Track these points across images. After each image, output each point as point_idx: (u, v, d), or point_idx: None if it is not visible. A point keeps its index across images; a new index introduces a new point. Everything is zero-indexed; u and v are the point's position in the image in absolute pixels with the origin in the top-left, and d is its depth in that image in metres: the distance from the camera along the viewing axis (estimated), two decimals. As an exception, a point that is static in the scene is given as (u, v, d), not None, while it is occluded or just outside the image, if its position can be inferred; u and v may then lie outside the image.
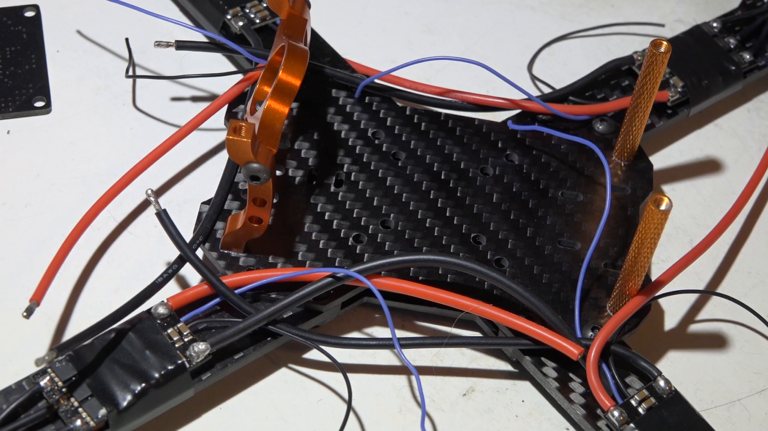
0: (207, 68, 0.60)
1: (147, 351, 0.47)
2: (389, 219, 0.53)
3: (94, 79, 0.60)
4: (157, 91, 0.60)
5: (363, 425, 0.50)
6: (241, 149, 0.46)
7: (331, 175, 0.54)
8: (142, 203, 0.55)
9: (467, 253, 0.52)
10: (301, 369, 0.51)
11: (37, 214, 0.55)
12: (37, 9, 0.62)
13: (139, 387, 0.46)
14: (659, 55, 0.52)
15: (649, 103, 0.54)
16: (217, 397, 0.50)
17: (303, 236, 0.52)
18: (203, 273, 0.49)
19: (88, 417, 0.45)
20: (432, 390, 0.51)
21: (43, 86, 0.59)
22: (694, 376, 0.53)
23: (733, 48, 0.62)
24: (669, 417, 0.48)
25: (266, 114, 0.47)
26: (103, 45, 0.61)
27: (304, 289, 0.49)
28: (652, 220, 0.47)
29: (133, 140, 0.58)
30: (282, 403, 0.50)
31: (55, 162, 0.56)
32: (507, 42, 0.65)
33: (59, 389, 0.45)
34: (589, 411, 0.49)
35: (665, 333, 0.54)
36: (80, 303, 0.52)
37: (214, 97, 0.60)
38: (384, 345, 0.50)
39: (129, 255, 0.54)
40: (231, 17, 0.59)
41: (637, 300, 0.50)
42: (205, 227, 0.51)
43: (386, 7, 0.66)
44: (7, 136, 0.57)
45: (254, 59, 0.56)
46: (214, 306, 0.49)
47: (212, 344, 0.47)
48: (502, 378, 0.52)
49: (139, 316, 0.48)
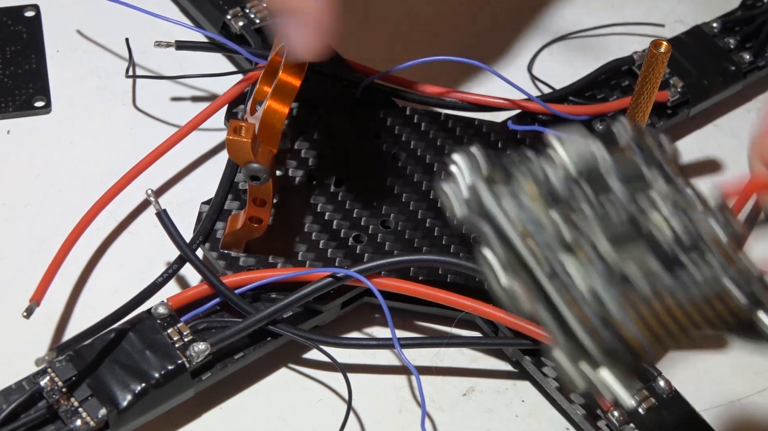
0: (207, 68, 0.60)
1: (147, 351, 0.47)
2: (389, 219, 0.53)
3: (94, 79, 0.60)
4: (157, 91, 0.60)
5: (363, 425, 0.50)
6: (241, 149, 0.46)
7: (331, 175, 0.54)
8: (142, 203, 0.55)
9: (467, 253, 0.52)
10: (301, 369, 0.51)
11: (37, 214, 0.55)
12: (37, 9, 0.62)
13: (139, 387, 0.46)
14: (659, 55, 0.52)
15: (649, 103, 0.54)
16: (217, 397, 0.50)
17: (303, 236, 0.52)
18: (203, 273, 0.49)
19: (88, 417, 0.45)
20: (432, 390, 0.51)
21: (43, 86, 0.59)
22: (694, 376, 0.52)
23: (733, 48, 0.62)
24: (669, 417, 0.48)
25: (266, 114, 0.47)
26: (103, 45, 0.61)
27: (304, 289, 0.49)
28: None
29: (133, 140, 0.58)
30: (282, 403, 0.50)
31: (55, 162, 0.56)
32: (507, 42, 0.65)
33: (59, 389, 0.45)
34: (589, 411, 0.49)
35: (665, 333, 0.54)
36: (80, 303, 0.52)
37: (214, 97, 0.60)
38: (384, 345, 0.50)
39: (129, 255, 0.54)
40: (231, 17, 0.59)
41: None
42: (205, 227, 0.51)
43: (387, 7, 0.66)
44: (7, 136, 0.57)
45: (254, 59, 0.56)
46: (214, 306, 0.49)
47: (212, 344, 0.47)
48: (502, 378, 0.52)
49: (139, 316, 0.48)
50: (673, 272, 0.37)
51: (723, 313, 0.37)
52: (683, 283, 0.37)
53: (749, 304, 0.38)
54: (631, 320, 0.35)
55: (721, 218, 0.39)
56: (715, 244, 0.38)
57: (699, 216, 0.39)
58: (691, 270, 0.37)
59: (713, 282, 0.38)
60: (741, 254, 0.39)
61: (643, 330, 0.35)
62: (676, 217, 0.38)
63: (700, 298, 0.37)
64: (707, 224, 0.39)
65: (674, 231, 0.38)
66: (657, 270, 0.37)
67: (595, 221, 0.37)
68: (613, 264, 0.36)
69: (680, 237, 0.38)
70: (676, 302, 0.37)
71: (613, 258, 0.37)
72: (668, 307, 0.36)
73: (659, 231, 0.38)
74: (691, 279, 0.37)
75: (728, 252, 0.39)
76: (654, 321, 0.36)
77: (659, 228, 0.38)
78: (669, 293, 0.37)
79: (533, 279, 0.36)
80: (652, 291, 0.36)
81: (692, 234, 0.38)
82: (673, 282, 0.37)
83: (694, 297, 0.37)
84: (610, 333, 0.35)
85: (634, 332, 0.35)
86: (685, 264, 0.38)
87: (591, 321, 0.35)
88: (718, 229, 0.39)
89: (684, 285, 0.37)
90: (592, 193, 0.38)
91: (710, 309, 0.37)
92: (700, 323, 0.37)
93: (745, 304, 0.38)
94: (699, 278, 0.37)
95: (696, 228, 0.39)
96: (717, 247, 0.38)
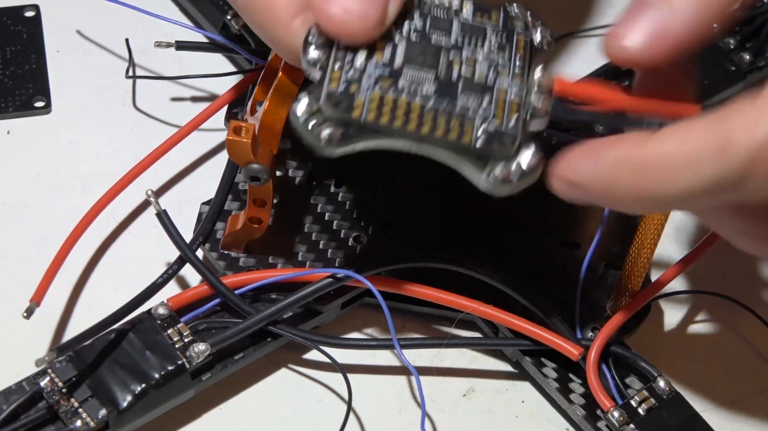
0: (207, 68, 0.60)
1: (147, 351, 0.47)
2: (389, 219, 0.53)
3: (94, 79, 0.60)
4: (157, 91, 0.60)
5: (363, 425, 0.50)
6: (241, 150, 0.46)
7: (331, 175, 0.54)
8: (142, 203, 0.55)
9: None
10: (301, 370, 0.51)
11: (37, 214, 0.55)
12: (37, 9, 0.62)
13: (139, 387, 0.46)
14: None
15: (649, 104, 0.54)
16: (217, 397, 0.50)
17: (303, 236, 0.52)
18: (203, 273, 0.49)
19: (88, 417, 0.45)
20: (432, 390, 0.51)
21: (43, 86, 0.59)
22: (694, 376, 0.53)
23: (733, 48, 0.62)
24: (669, 417, 0.48)
25: (266, 114, 0.47)
26: (103, 45, 0.61)
27: (304, 290, 0.49)
28: (653, 220, 0.47)
29: (133, 140, 0.58)
30: (282, 403, 0.50)
31: (55, 162, 0.56)
32: (507, 42, 0.65)
33: (59, 389, 0.45)
34: (589, 412, 0.49)
35: (665, 333, 0.54)
36: (80, 303, 0.52)
37: (214, 97, 0.60)
38: (384, 345, 0.50)
39: (129, 255, 0.54)
40: (231, 17, 0.59)
41: (637, 300, 0.50)
42: (205, 227, 0.51)
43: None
44: (7, 136, 0.57)
45: (254, 59, 0.56)
46: (214, 307, 0.49)
47: (212, 344, 0.47)
48: (502, 379, 0.52)
49: (139, 317, 0.48)
50: (442, 93, 0.41)
51: (456, 131, 0.41)
52: (441, 100, 0.41)
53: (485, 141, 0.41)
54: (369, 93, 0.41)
55: (526, 86, 0.42)
56: (499, 97, 0.42)
57: (503, 76, 0.42)
58: (458, 99, 0.41)
59: (468, 111, 0.41)
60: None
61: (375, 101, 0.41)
62: (481, 65, 0.42)
63: (446, 115, 0.41)
64: (505, 82, 0.42)
65: (470, 71, 0.42)
66: (425, 81, 0.41)
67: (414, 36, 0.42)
68: (395, 65, 0.41)
69: (470, 77, 0.42)
70: (422, 105, 0.41)
71: (401, 59, 0.41)
72: (413, 104, 0.41)
73: (456, 65, 0.42)
74: (451, 103, 0.41)
75: (503, 108, 0.42)
76: (390, 105, 0.41)
77: (457, 63, 0.42)
78: (421, 98, 0.41)
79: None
80: (409, 89, 0.41)
81: (483, 81, 0.42)
82: (435, 96, 0.41)
83: (441, 110, 0.41)
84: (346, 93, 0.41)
85: (362, 97, 0.41)
86: (457, 94, 0.41)
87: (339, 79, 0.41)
88: (514, 91, 0.42)
89: (441, 102, 0.41)
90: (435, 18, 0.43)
91: (450, 126, 0.41)
92: (430, 129, 0.41)
93: (481, 138, 0.41)
94: (459, 104, 0.41)
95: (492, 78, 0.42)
96: (498, 99, 0.42)
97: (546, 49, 0.44)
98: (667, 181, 0.37)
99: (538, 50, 0.44)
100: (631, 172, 0.38)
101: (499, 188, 0.42)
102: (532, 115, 0.42)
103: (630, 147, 0.38)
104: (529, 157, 0.41)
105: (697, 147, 0.37)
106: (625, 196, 0.38)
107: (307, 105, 0.41)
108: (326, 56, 0.41)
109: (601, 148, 0.39)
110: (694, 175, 0.37)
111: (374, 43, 0.41)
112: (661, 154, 0.37)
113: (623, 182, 0.38)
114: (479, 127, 0.41)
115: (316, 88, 0.41)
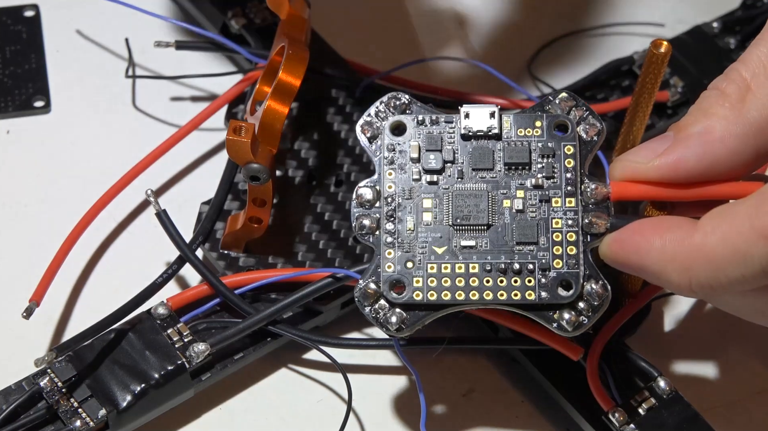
0: (207, 68, 0.60)
1: (147, 351, 0.47)
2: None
3: (94, 79, 0.60)
4: (157, 91, 0.60)
5: (363, 425, 0.50)
6: (241, 149, 0.46)
7: (331, 175, 0.54)
8: (142, 203, 0.55)
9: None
10: (301, 370, 0.51)
11: (37, 214, 0.55)
12: (37, 9, 0.62)
13: (138, 387, 0.46)
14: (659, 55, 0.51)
15: (650, 103, 0.54)
16: (217, 397, 0.50)
17: (303, 236, 0.52)
18: (203, 273, 0.49)
19: (87, 417, 0.45)
20: (432, 390, 0.51)
21: (42, 86, 0.59)
22: (694, 376, 0.53)
23: (733, 48, 0.62)
24: (669, 417, 0.48)
25: (266, 114, 0.47)
26: (103, 45, 0.61)
27: (304, 290, 0.49)
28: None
29: (133, 140, 0.58)
30: (282, 403, 0.50)
31: (55, 162, 0.56)
32: (507, 42, 0.65)
33: (59, 389, 0.45)
34: (590, 412, 0.49)
35: (665, 333, 0.54)
36: (80, 303, 0.52)
37: (214, 97, 0.60)
38: (384, 345, 0.50)
39: (129, 255, 0.54)
40: (231, 17, 0.59)
41: (637, 300, 0.50)
42: (204, 227, 0.51)
43: (386, 7, 0.66)
44: (7, 136, 0.57)
45: (254, 59, 0.56)
46: (213, 307, 0.49)
47: (212, 344, 0.47)
48: (502, 379, 0.52)
49: (138, 317, 0.48)
50: (496, 244, 0.43)
51: (519, 293, 0.43)
52: (497, 256, 0.43)
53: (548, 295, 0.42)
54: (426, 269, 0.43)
55: (582, 202, 0.43)
56: (554, 237, 0.43)
57: (556, 203, 0.43)
58: (515, 252, 0.43)
59: (526, 266, 0.43)
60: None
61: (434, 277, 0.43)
62: (530, 196, 0.43)
63: (504, 274, 0.43)
64: (559, 212, 0.43)
65: (520, 204, 0.43)
66: (480, 235, 0.43)
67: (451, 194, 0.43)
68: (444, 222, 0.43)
69: (522, 212, 0.43)
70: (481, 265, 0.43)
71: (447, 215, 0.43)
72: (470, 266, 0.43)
73: (506, 203, 0.43)
74: (508, 256, 0.43)
75: (561, 245, 0.43)
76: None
77: (507, 201, 0.43)
78: (478, 256, 0.43)
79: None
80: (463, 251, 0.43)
81: (536, 216, 0.43)
82: (491, 252, 0.43)
83: (499, 268, 0.42)
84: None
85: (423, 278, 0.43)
86: (513, 244, 0.43)
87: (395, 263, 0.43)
88: (569, 218, 0.43)
89: (498, 257, 0.43)
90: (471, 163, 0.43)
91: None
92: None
93: (545, 297, 0.42)
94: (517, 257, 0.43)
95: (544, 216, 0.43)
96: (554, 238, 0.43)
97: (597, 140, 0.44)
98: (719, 273, 0.39)
99: (588, 142, 0.44)
100: (681, 267, 0.39)
101: (573, 334, 0.43)
102: (592, 235, 0.42)
103: (677, 240, 0.39)
104: (595, 292, 0.42)
105: (743, 239, 0.38)
106: (678, 286, 0.40)
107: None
108: None
109: (652, 235, 0.40)
110: (743, 266, 0.38)
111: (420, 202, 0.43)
112: (708, 251, 0.39)
113: (674, 274, 0.40)
114: (540, 279, 0.42)
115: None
